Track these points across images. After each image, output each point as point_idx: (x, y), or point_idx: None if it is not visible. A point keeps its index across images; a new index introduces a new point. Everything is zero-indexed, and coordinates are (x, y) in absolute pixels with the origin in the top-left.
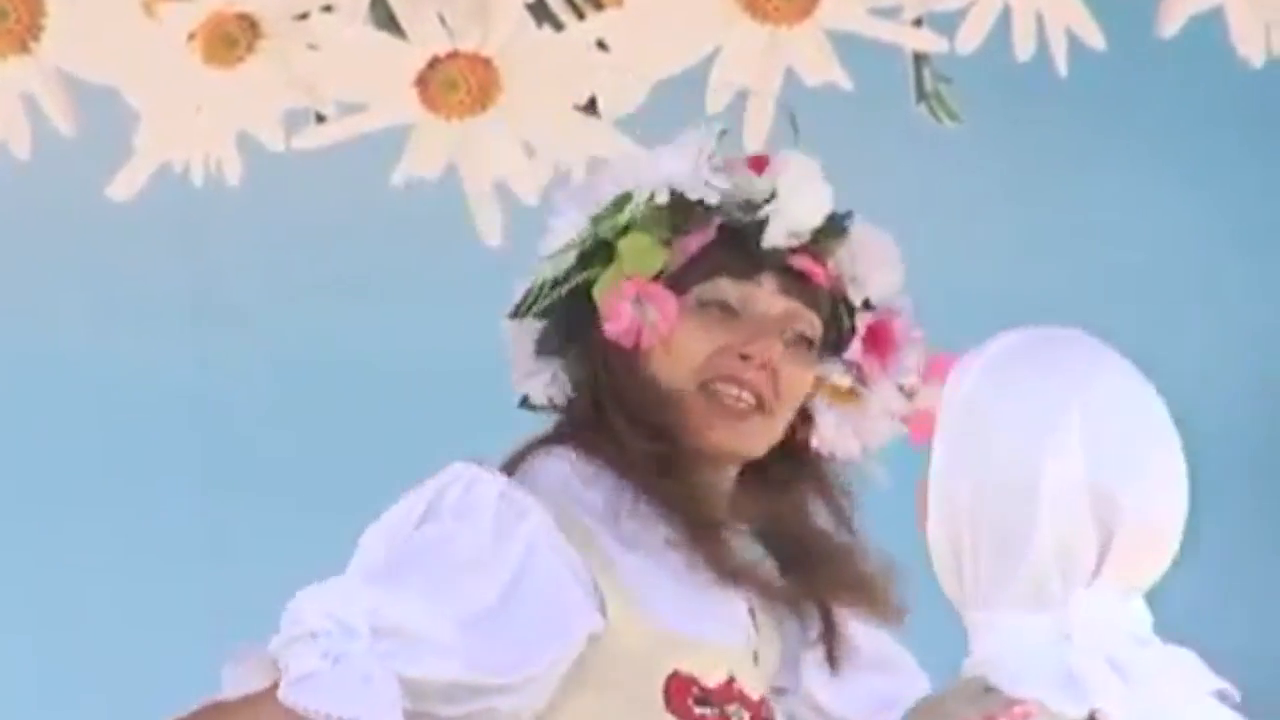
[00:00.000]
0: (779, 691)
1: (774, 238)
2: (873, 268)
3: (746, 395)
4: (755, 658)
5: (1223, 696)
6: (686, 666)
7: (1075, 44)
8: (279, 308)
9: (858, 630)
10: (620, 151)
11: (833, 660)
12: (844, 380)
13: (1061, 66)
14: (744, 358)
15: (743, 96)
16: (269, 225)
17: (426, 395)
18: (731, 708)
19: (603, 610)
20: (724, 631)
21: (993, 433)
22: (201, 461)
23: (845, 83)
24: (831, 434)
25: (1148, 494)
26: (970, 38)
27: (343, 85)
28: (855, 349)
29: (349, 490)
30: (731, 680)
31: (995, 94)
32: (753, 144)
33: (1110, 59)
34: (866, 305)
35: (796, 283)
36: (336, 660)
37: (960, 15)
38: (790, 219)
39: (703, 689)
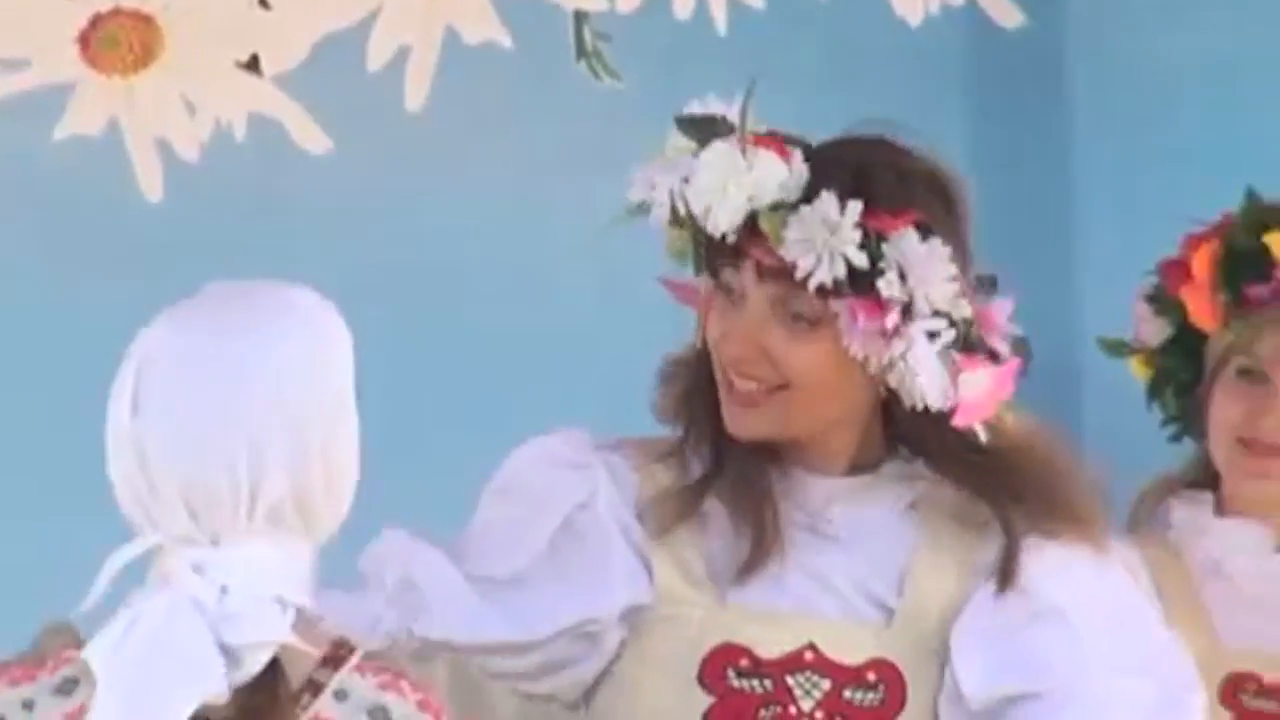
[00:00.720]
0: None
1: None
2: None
3: (742, 382)
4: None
5: None
6: (742, 638)
7: (735, 3)
8: None
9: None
10: (282, 107)
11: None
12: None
13: (721, 25)
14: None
15: (403, 54)
16: None
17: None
18: (800, 677)
19: (650, 579)
20: (796, 601)
21: None
22: None
23: (506, 41)
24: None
25: None
26: None
27: (3, 42)
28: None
29: None
30: (808, 649)
31: (655, 52)
32: (413, 102)
33: (769, 18)
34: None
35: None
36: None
37: None
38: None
39: (754, 659)
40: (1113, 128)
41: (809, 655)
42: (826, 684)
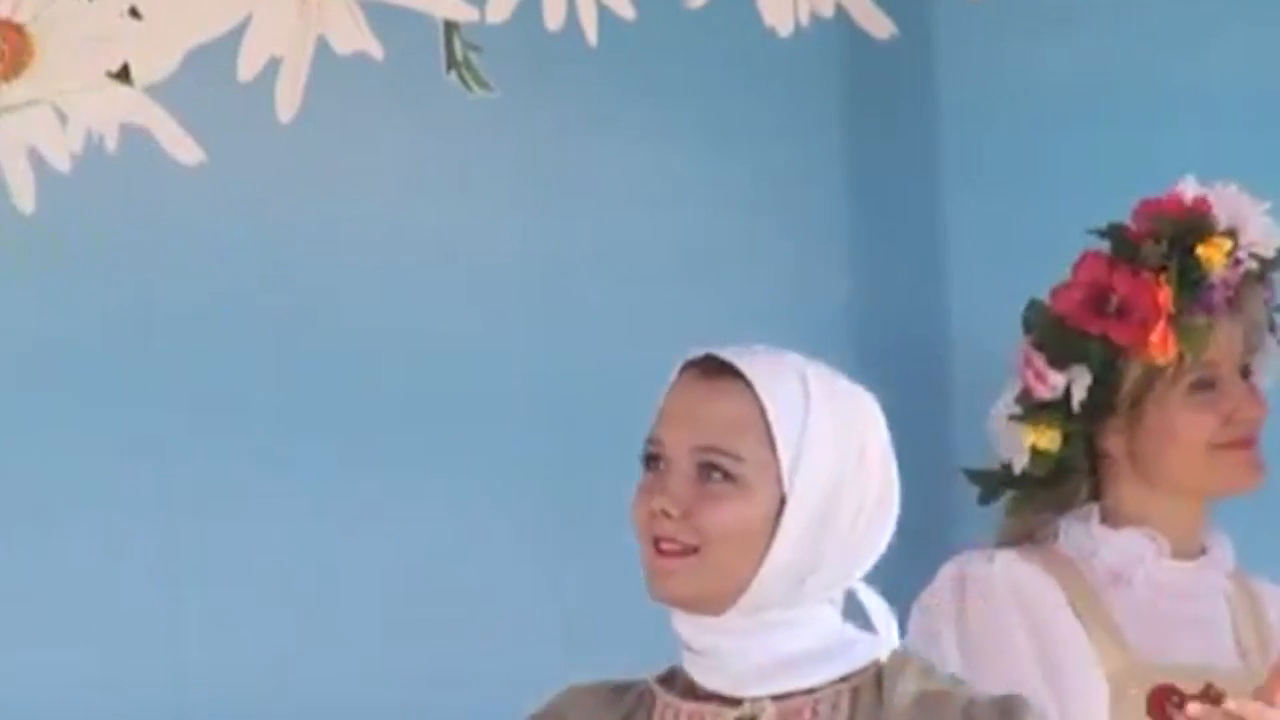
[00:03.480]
0: None
1: None
2: None
3: None
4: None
5: None
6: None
7: (605, 13)
8: None
9: None
10: (154, 118)
11: None
12: None
13: (591, 35)
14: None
15: (275, 64)
16: None
17: None
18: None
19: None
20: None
21: None
22: None
23: (377, 51)
24: None
25: None
26: (500, 7)
27: None
28: None
29: None
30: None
31: (526, 62)
32: (285, 112)
33: (639, 28)
34: None
35: None
36: None
37: None
38: None
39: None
40: (981, 137)
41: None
42: None
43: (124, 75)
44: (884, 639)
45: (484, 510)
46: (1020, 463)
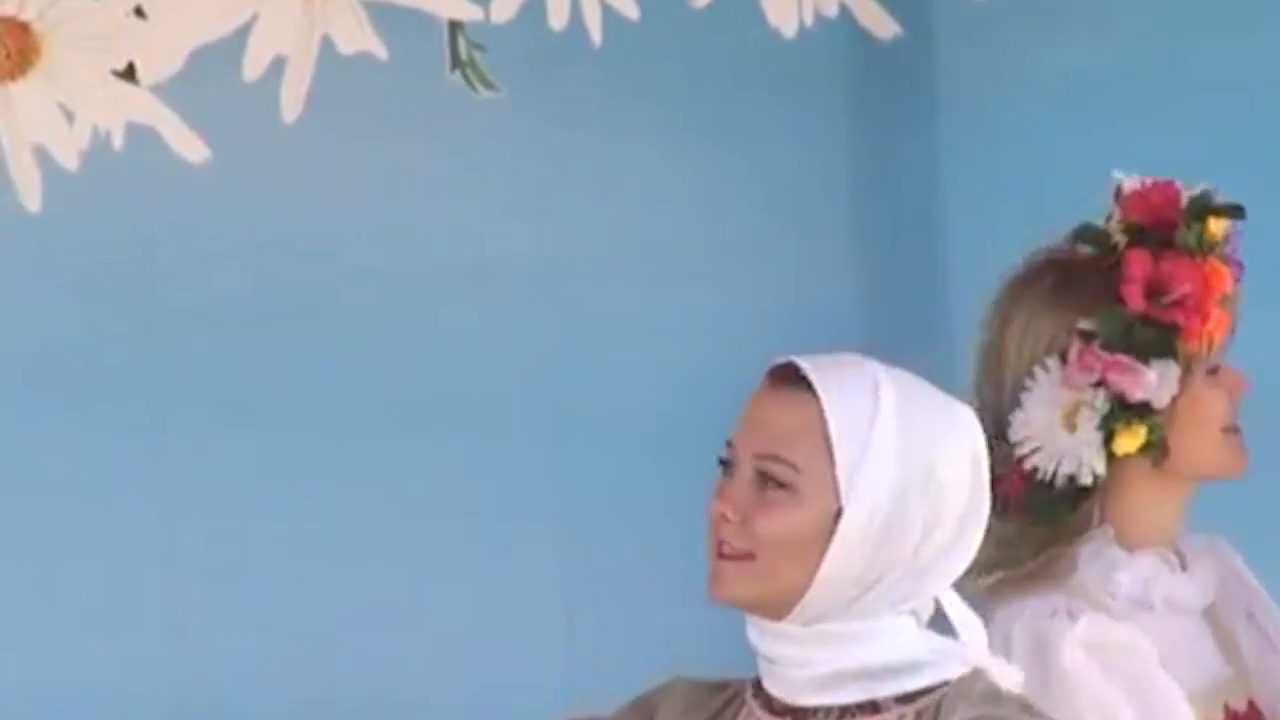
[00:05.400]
0: None
1: None
2: None
3: None
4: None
5: None
6: None
7: (609, 13)
8: None
9: None
10: (160, 116)
11: None
12: None
13: (595, 35)
14: None
15: (280, 64)
16: None
17: None
18: None
19: None
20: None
21: None
22: None
23: (381, 51)
24: None
25: None
26: (505, 7)
27: None
28: None
29: None
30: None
31: (530, 62)
32: (289, 112)
33: (643, 28)
34: None
35: None
36: None
37: None
38: None
39: None
40: (984, 137)
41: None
42: None
43: (130, 74)
44: (964, 656)
45: (487, 509)
46: (1088, 469)
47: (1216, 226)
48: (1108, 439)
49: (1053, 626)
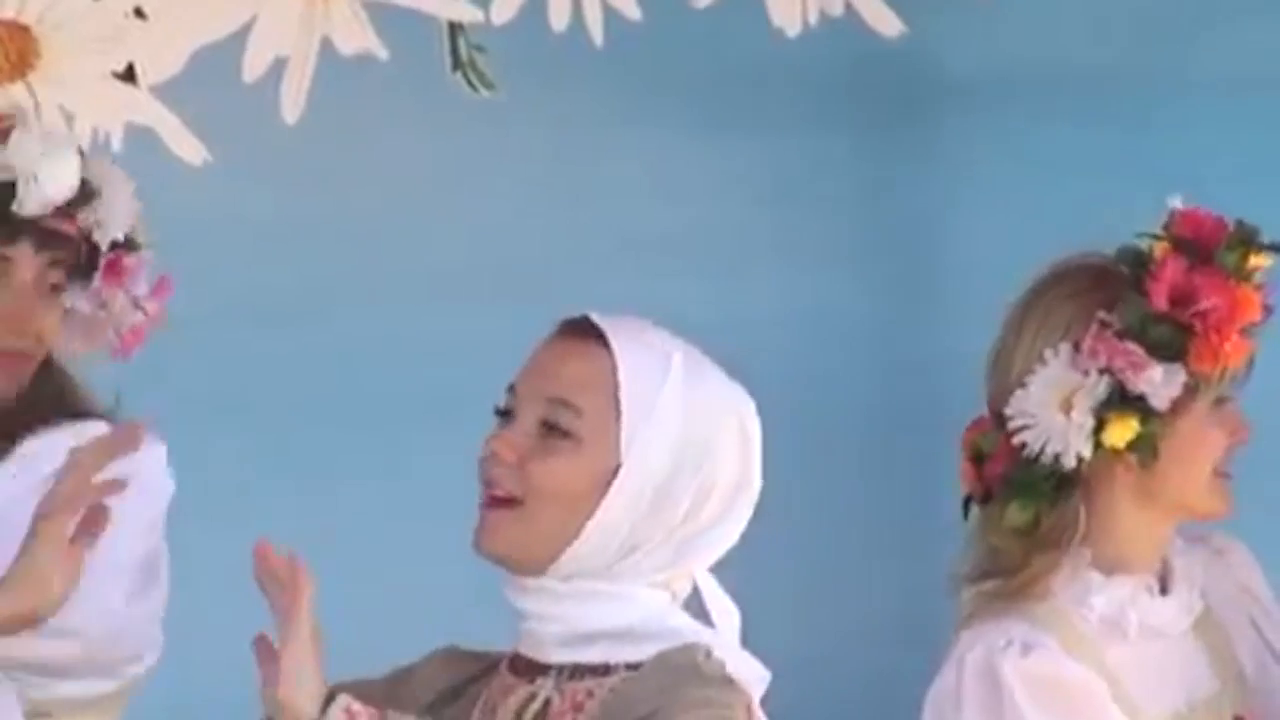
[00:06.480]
0: None
1: (30, 209)
2: (113, 214)
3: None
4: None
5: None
6: None
7: (611, 14)
8: None
9: None
10: (159, 118)
11: None
12: (85, 307)
13: (597, 37)
14: None
15: (280, 65)
16: None
17: None
18: None
19: None
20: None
21: None
22: None
23: (381, 52)
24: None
25: None
26: (505, 8)
27: None
28: (98, 280)
29: None
30: None
31: (531, 63)
32: (289, 113)
33: (645, 29)
34: (113, 245)
35: (51, 240)
36: None
37: None
38: (44, 194)
39: None
40: (988, 135)
41: None
42: None
43: (129, 75)
44: (713, 640)
45: None
46: (1074, 452)
47: (1257, 258)
48: (1099, 427)
49: (1004, 657)
